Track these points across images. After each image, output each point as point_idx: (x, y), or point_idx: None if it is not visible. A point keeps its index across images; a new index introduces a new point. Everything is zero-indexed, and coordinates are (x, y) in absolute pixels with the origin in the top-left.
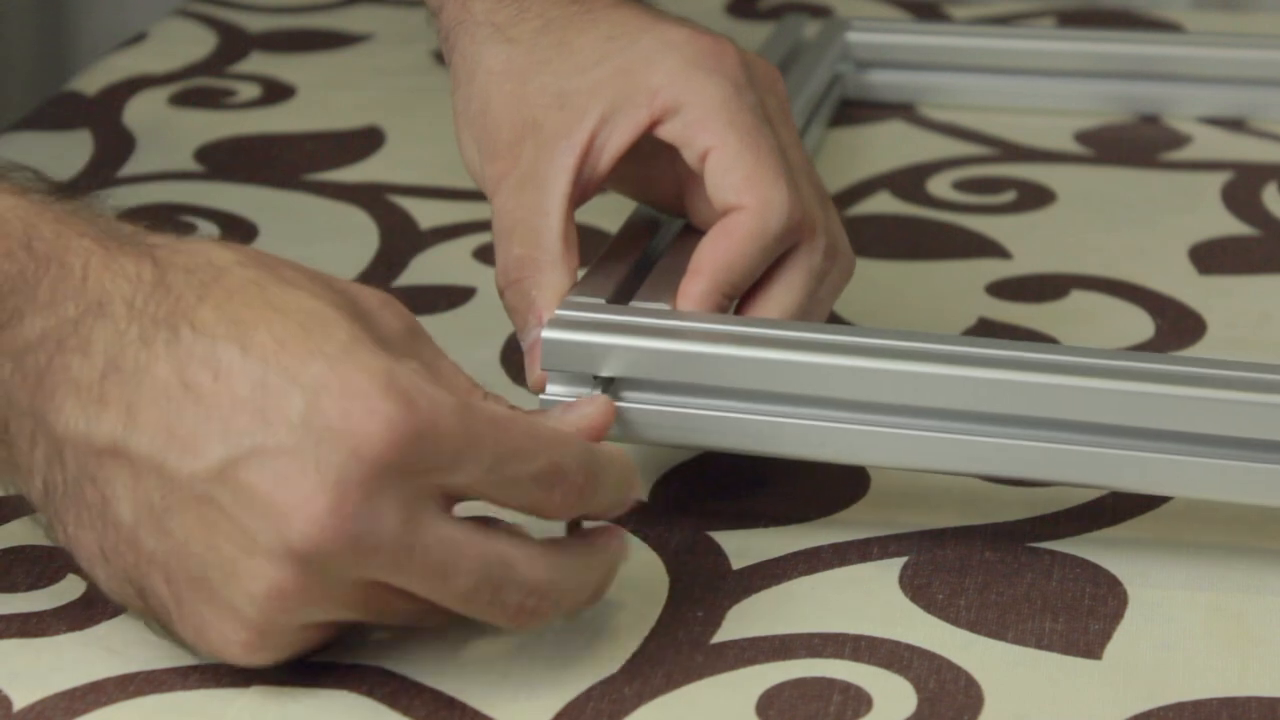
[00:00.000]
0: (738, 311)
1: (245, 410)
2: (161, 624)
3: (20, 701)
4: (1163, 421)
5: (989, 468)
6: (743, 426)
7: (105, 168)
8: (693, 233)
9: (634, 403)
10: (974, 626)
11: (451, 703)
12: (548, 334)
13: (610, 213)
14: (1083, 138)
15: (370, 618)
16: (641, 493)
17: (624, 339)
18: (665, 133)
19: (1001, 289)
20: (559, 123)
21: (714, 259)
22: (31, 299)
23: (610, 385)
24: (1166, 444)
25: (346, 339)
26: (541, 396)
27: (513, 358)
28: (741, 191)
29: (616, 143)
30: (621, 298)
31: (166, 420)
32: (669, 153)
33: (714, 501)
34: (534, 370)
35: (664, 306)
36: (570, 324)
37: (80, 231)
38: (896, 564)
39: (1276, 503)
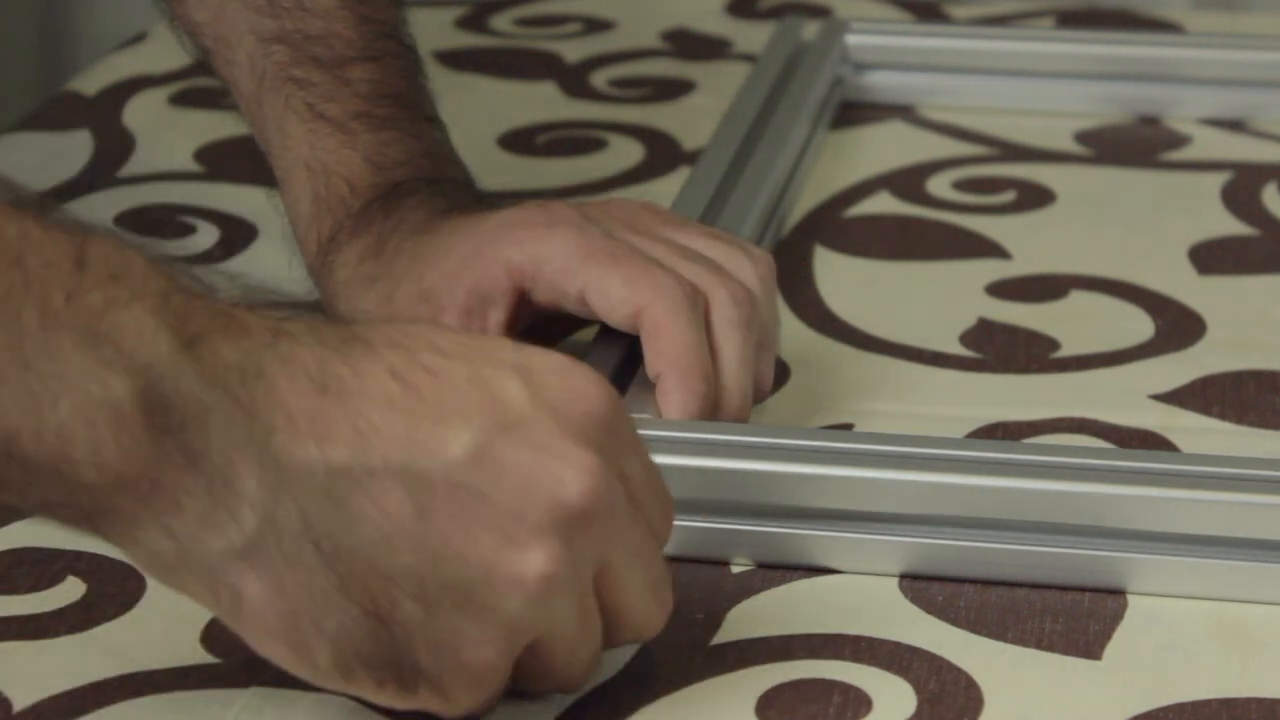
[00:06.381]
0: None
1: (473, 398)
2: (386, 666)
3: (20, 703)
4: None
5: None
6: (751, 539)
7: (105, 168)
8: None
9: None
10: (974, 627)
11: None
12: None
13: None
14: (1083, 138)
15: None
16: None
17: None
18: (540, 297)
19: (1001, 289)
20: (426, 316)
21: (658, 358)
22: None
23: None
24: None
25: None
26: None
27: None
28: (630, 298)
29: (496, 319)
30: None
31: (399, 428)
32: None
33: None
34: None
35: (648, 417)
36: None
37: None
38: None
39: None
